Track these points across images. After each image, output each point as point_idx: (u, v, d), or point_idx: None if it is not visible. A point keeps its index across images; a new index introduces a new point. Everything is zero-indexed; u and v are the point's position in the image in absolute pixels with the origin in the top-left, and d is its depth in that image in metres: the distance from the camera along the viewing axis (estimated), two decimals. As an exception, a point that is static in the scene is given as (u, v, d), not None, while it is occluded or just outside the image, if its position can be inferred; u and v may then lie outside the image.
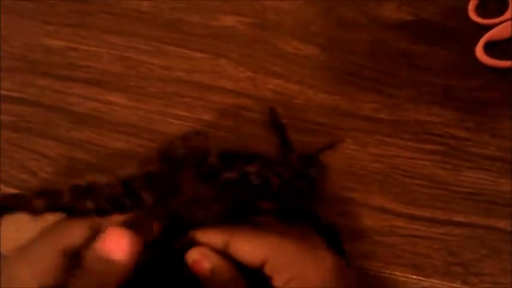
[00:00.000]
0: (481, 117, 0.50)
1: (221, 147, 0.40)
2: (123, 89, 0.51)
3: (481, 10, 0.52)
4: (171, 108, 0.50)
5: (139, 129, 0.49)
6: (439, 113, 0.50)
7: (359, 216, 0.45)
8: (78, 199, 0.37)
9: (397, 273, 0.44)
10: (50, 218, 0.37)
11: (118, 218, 0.36)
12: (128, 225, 0.35)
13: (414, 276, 0.44)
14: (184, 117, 0.49)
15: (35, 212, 0.37)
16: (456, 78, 0.51)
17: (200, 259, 0.36)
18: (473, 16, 0.52)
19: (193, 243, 0.38)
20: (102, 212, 0.37)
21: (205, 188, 0.38)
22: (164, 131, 0.48)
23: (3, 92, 0.50)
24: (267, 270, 0.36)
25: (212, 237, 0.37)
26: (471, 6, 0.52)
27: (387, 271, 0.44)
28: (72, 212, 0.37)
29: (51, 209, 0.37)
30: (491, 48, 0.51)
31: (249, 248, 0.36)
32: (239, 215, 0.39)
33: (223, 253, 0.37)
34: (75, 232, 0.34)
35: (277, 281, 0.35)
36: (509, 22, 0.51)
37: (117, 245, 0.33)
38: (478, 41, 0.51)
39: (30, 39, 0.53)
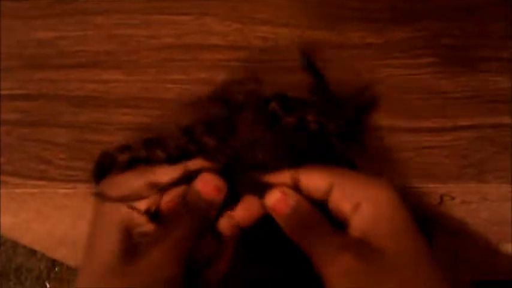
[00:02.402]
0: (468, 23, 0.51)
1: (277, 91, 0.42)
2: (118, 66, 0.52)
3: None
4: (166, 74, 0.51)
5: (140, 100, 0.50)
6: (425, 27, 0.51)
7: (367, 139, 0.46)
8: (150, 150, 0.39)
9: (414, 184, 0.45)
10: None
11: (203, 163, 0.39)
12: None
13: (431, 185, 0.45)
14: (180, 81, 0.50)
15: (120, 167, 0.40)
16: (437, -10, 0.51)
17: (283, 197, 0.37)
18: None
19: (257, 185, 0.39)
20: (171, 159, 0.39)
21: (263, 131, 0.39)
22: (164, 97, 0.49)
23: (6, 92, 0.51)
24: (334, 199, 0.37)
25: (279, 176, 0.39)
26: None
27: (405, 184, 0.45)
28: (147, 162, 0.40)
29: (132, 163, 0.40)
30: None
31: (316, 176, 0.38)
32: (296, 157, 0.40)
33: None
34: (167, 173, 0.39)
35: (345, 208, 0.37)
36: None
37: (211, 187, 0.38)
38: None
39: (21, 36, 0.54)
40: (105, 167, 0.42)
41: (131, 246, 0.37)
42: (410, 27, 0.51)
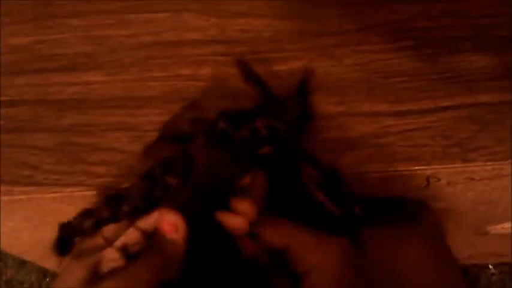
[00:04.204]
0: (443, 4, 0.51)
1: (221, 110, 0.42)
2: (98, 67, 0.52)
3: None
4: (148, 72, 0.51)
5: (123, 99, 0.49)
6: (401, 9, 0.51)
7: (351, 125, 0.47)
8: (114, 208, 0.39)
9: (399, 168, 0.45)
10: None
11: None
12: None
13: (417, 167, 0.45)
14: (162, 78, 0.50)
15: (86, 233, 0.40)
16: (410, -26, 0.52)
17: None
18: None
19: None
20: (138, 210, 0.39)
21: (218, 151, 0.39)
22: (147, 95, 0.49)
23: (-14, 100, 0.51)
24: (290, 256, 0.38)
25: (236, 221, 0.39)
26: None
27: (391, 169, 0.45)
28: (114, 220, 0.40)
29: (97, 226, 0.40)
30: None
31: (273, 234, 0.38)
32: (255, 164, 0.40)
33: None
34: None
35: (298, 268, 0.37)
36: None
37: (170, 226, 0.38)
38: None
39: (-4, 43, 0.54)
40: (67, 240, 0.42)
41: (96, 278, 0.37)
42: (388, 10, 0.51)
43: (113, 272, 0.37)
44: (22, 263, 1.17)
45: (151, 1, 0.54)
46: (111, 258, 0.38)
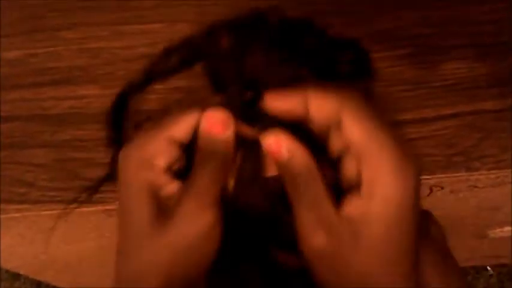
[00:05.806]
0: (443, 11, 0.50)
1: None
2: (93, 80, 0.51)
3: None
4: (144, 85, 0.50)
5: (120, 113, 0.48)
6: (401, 17, 0.50)
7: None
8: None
9: (403, 179, 0.45)
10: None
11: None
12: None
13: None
14: (159, 90, 0.49)
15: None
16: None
17: (277, 146, 0.34)
18: None
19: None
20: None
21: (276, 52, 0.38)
22: (144, 108, 0.48)
23: (-21, 116, 0.50)
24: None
25: (289, 100, 0.35)
26: None
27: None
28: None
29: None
30: None
31: (325, 102, 0.33)
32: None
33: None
34: (182, 122, 0.36)
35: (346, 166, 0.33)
36: None
37: (217, 122, 0.34)
38: None
39: (-12, 57, 0.53)
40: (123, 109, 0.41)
41: (161, 209, 0.34)
42: (388, 18, 0.50)
43: (176, 201, 0.34)
44: (16, 276, 1.17)
45: (143, 12, 0.53)
46: (163, 184, 0.35)
